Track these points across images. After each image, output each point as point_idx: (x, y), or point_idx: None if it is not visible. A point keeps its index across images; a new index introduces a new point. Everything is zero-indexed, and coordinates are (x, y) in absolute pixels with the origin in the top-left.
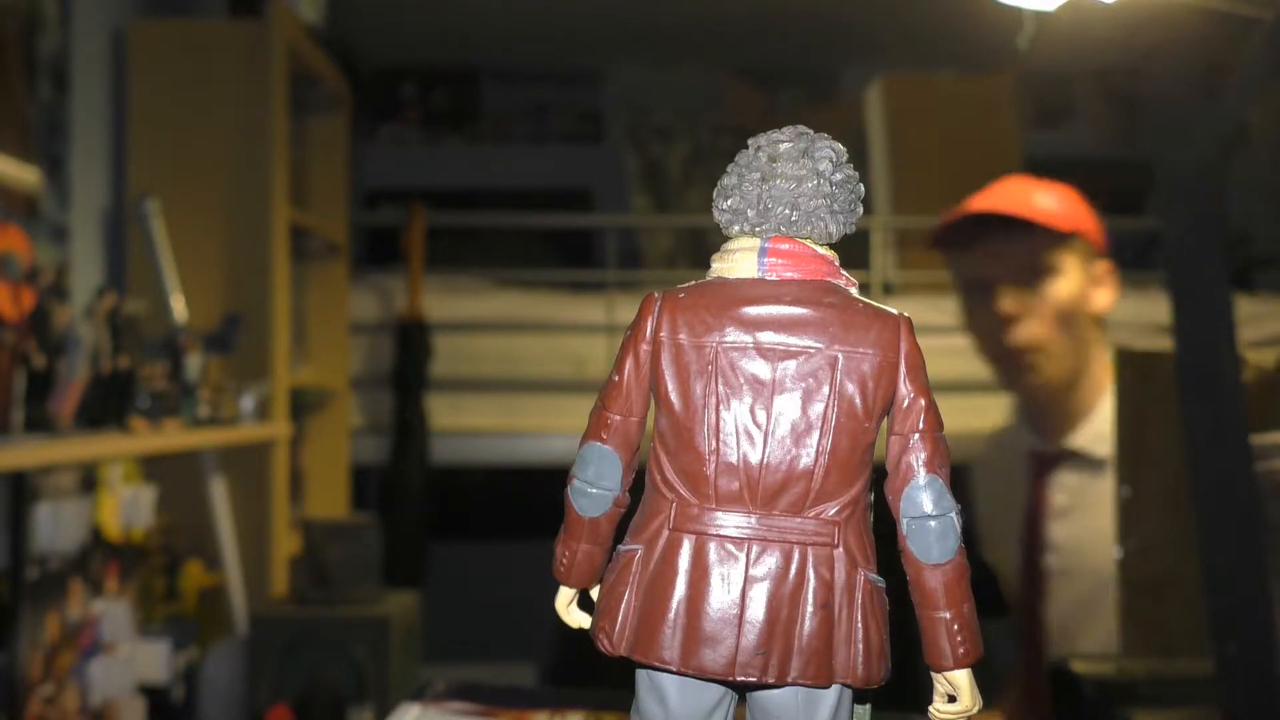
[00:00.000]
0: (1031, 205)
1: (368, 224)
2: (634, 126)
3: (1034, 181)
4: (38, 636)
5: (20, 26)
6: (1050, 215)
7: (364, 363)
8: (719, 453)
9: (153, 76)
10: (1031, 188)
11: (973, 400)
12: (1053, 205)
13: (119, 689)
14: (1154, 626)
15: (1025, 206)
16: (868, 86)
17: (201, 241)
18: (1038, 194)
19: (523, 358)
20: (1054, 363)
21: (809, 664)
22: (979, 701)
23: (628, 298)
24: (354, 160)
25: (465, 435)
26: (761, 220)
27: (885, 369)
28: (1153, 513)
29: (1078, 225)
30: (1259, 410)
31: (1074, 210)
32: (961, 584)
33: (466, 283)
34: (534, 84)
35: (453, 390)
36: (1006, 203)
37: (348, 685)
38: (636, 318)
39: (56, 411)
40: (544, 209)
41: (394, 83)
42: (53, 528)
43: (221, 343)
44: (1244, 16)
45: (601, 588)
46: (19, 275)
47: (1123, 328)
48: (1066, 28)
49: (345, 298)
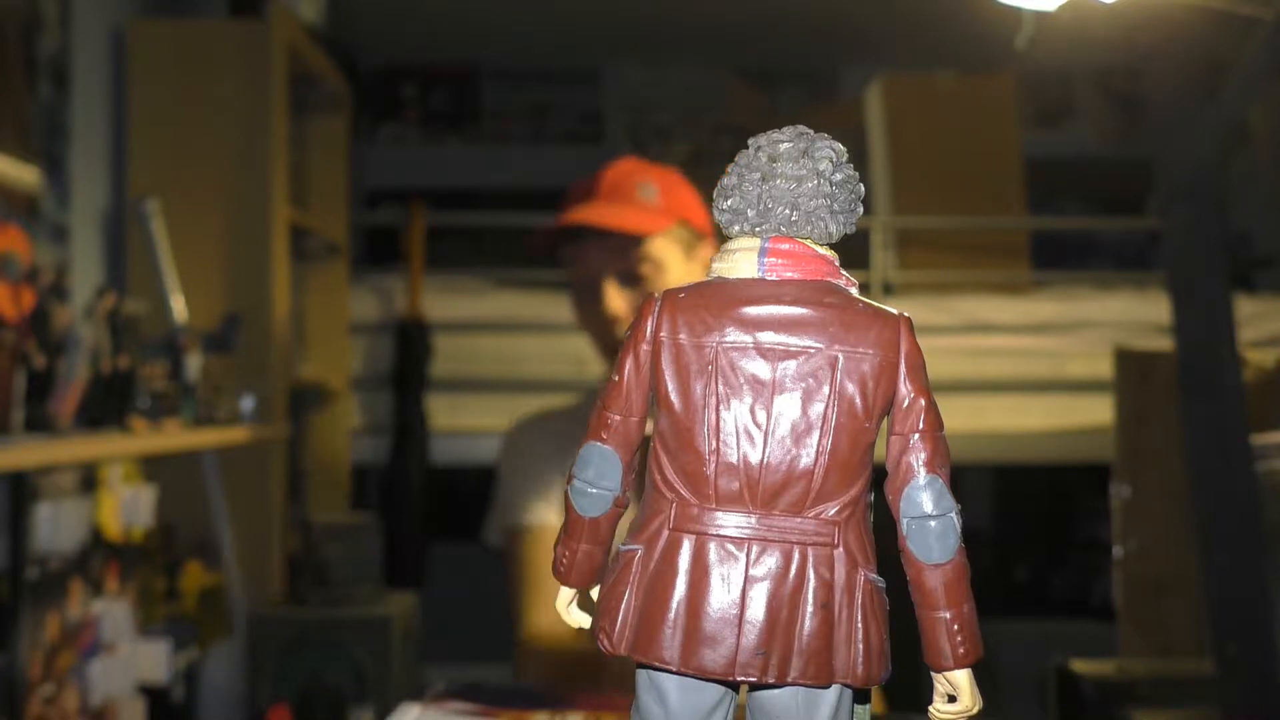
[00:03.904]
0: (628, 203)
1: (368, 224)
2: (634, 126)
3: (637, 167)
4: (38, 636)
5: (20, 26)
6: (640, 217)
7: (364, 363)
8: (719, 453)
9: (153, 76)
10: (632, 179)
11: (973, 400)
12: (651, 197)
13: (119, 689)
14: (1154, 626)
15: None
16: (868, 86)
17: (201, 241)
18: (639, 185)
19: (523, 358)
20: None
21: (809, 664)
22: (979, 701)
23: None
24: (354, 160)
25: (465, 435)
26: (761, 220)
27: (885, 369)
28: (1153, 513)
29: (674, 216)
30: (1259, 410)
31: (672, 200)
32: (962, 584)
33: (466, 283)
34: (534, 84)
35: (453, 390)
36: (595, 209)
37: (348, 685)
38: (636, 318)
39: (56, 411)
40: (544, 209)
41: (394, 83)
42: (53, 528)
43: (221, 343)
44: (1244, 16)
45: (601, 587)
46: (19, 275)
47: (1123, 328)
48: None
49: (345, 298)
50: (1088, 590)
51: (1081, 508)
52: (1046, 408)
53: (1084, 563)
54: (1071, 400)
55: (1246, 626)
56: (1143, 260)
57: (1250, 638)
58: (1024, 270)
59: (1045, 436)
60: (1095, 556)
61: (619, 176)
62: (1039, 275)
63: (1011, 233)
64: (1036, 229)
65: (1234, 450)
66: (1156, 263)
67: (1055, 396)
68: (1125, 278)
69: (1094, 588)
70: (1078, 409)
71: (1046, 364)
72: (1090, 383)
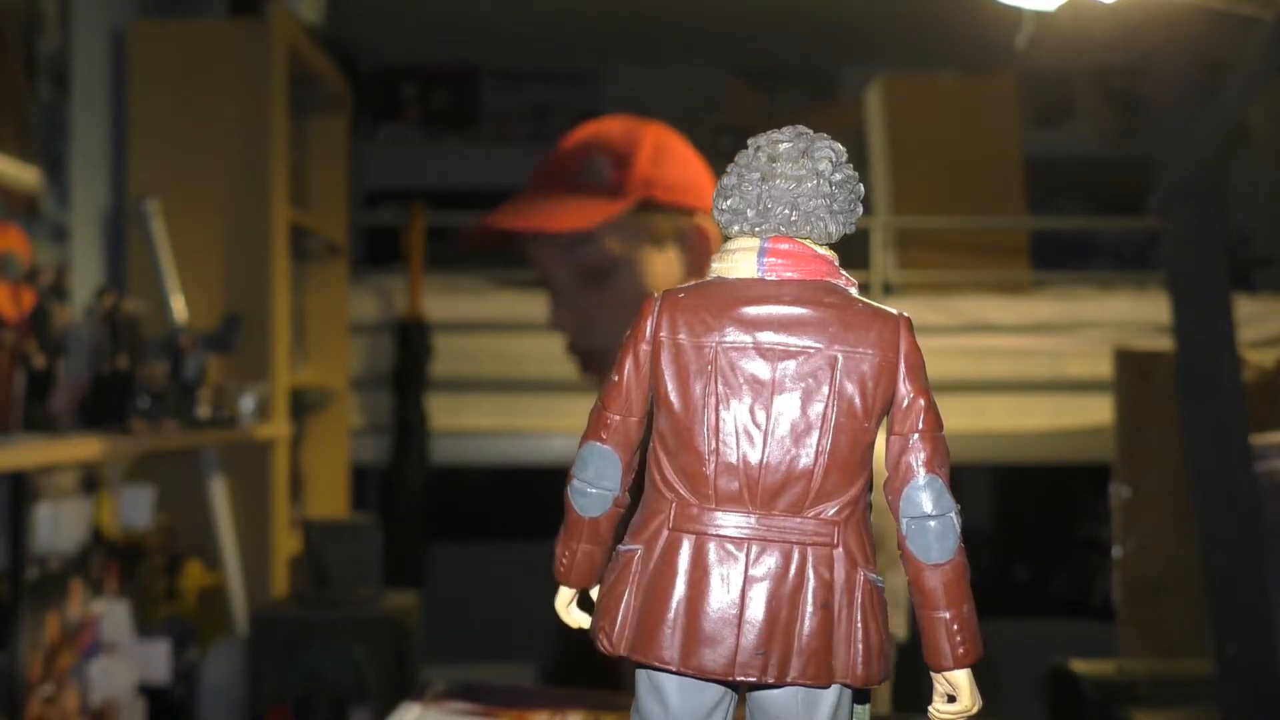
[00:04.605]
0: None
1: (368, 224)
2: None
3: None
4: (38, 636)
5: (20, 26)
6: (578, 210)
7: (364, 363)
8: (719, 453)
9: (153, 76)
10: (581, 156)
11: (973, 400)
12: (600, 178)
13: (119, 689)
14: (1154, 626)
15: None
16: (868, 86)
17: (201, 241)
18: (588, 162)
19: (523, 358)
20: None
21: (809, 664)
22: (979, 701)
23: None
24: (354, 160)
25: (465, 435)
26: (761, 220)
27: (885, 369)
28: (1153, 513)
29: (632, 196)
30: (1259, 410)
31: (629, 176)
32: (961, 584)
33: (466, 283)
34: (534, 84)
35: (453, 390)
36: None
37: (348, 685)
38: (636, 318)
39: (56, 411)
40: None
41: (394, 83)
42: (53, 528)
43: (221, 343)
44: (1244, 16)
45: (601, 588)
46: (19, 275)
47: (1123, 328)
48: (1066, 28)
49: (345, 298)
50: (1088, 590)
51: (1081, 508)
52: (1046, 408)
53: (1084, 563)
54: (1071, 400)
55: (1246, 626)
56: (1143, 260)
57: (1250, 638)
58: (1024, 270)
59: (1045, 436)
60: (1095, 556)
61: (568, 154)
62: (1039, 275)
63: (1011, 233)
64: (1036, 229)
65: (1234, 450)
66: (1156, 263)
67: (1055, 396)
68: (1125, 278)
69: (1094, 588)
70: (1078, 409)
71: (1046, 364)
72: (1090, 383)
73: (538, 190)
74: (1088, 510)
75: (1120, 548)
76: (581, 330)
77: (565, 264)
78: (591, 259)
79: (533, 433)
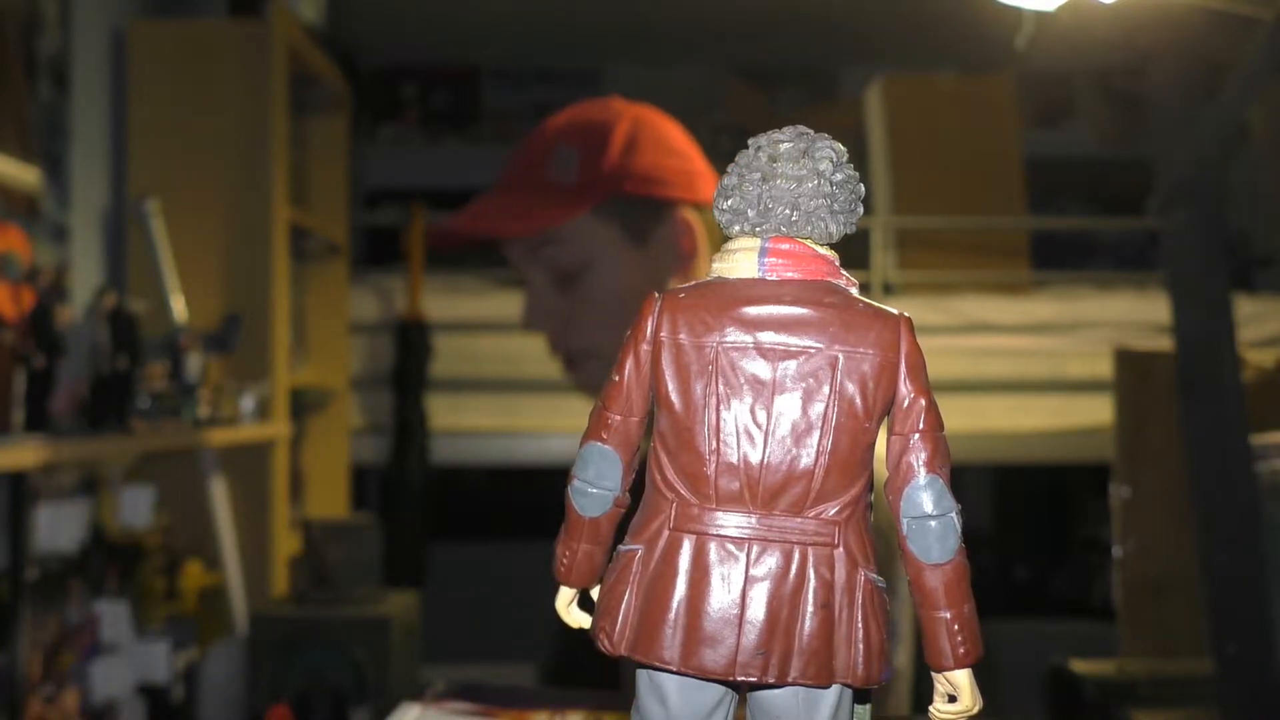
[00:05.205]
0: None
1: (368, 224)
2: None
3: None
4: (38, 636)
5: (20, 26)
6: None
7: (364, 363)
8: (719, 453)
9: (153, 76)
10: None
11: (973, 400)
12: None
13: (119, 689)
14: (1154, 626)
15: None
16: (868, 86)
17: (201, 241)
18: (556, 153)
19: (523, 358)
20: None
21: (809, 664)
22: (979, 701)
23: None
24: (354, 160)
25: (465, 435)
26: (762, 220)
27: (885, 369)
28: (1153, 513)
29: (602, 190)
30: (1259, 410)
31: (599, 169)
32: (962, 584)
33: (466, 283)
34: (534, 84)
35: (453, 390)
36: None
37: (348, 685)
38: (637, 318)
39: (56, 411)
40: None
41: (394, 83)
42: (53, 528)
43: (221, 343)
44: (1244, 16)
45: (602, 588)
46: (19, 275)
47: (1123, 328)
48: (1066, 28)
49: (345, 298)
50: (1088, 590)
51: (1081, 508)
52: (1046, 408)
53: (1084, 563)
54: (1071, 400)
55: (1246, 626)
56: (1143, 260)
57: (1250, 638)
58: (1024, 270)
59: (1045, 436)
60: (1095, 556)
61: (538, 144)
62: (1039, 275)
63: (1011, 233)
64: (1036, 229)
65: (1234, 450)
66: (1156, 263)
67: (1055, 396)
68: (1125, 278)
69: (1094, 588)
70: (1078, 409)
71: (1046, 364)
72: (1090, 383)
73: (504, 187)
74: (1087, 510)
75: (1120, 548)
76: (559, 332)
77: (535, 264)
78: (560, 260)
79: (532, 433)
